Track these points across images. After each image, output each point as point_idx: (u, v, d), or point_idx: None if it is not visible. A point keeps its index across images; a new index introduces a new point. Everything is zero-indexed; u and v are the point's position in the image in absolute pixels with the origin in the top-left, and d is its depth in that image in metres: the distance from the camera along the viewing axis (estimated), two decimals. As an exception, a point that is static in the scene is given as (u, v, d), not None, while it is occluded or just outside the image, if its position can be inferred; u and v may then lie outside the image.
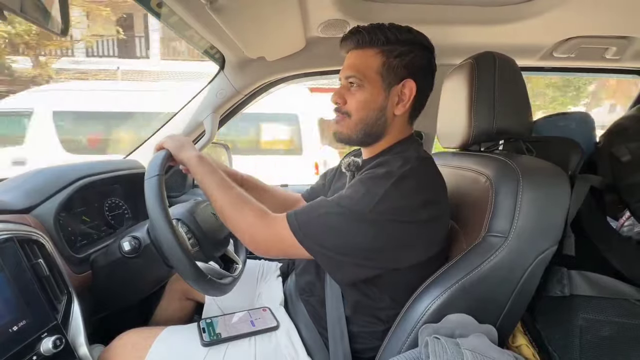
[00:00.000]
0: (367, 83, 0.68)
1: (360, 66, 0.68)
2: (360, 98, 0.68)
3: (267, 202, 0.99)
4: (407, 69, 0.67)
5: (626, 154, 0.74)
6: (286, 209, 1.00)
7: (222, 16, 0.76)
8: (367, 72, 0.67)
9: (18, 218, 0.67)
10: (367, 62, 0.68)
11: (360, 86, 0.68)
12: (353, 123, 0.70)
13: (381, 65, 0.67)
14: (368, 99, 0.68)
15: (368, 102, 0.68)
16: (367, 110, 0.69)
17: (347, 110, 0.70)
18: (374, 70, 0.67)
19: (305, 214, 0.63)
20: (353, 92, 0.69)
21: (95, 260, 0.80)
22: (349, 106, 0.70)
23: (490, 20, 0.95)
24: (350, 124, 0.70)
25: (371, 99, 0.68)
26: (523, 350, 0.68)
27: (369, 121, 0.69)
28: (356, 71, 0.68)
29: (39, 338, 0.56)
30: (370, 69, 0.67)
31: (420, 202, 0.60)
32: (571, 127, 0.88)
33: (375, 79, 0.67)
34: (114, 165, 1.03)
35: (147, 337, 0.70)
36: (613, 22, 0.95)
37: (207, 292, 0.71)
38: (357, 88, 0.69)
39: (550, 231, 0.61)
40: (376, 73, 0.67)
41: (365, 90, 0.68)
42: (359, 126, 0.70)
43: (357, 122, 0.70)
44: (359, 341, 0.70)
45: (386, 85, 0.68)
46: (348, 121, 0.71)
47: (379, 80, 0.67)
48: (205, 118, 1.21)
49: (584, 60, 1.15)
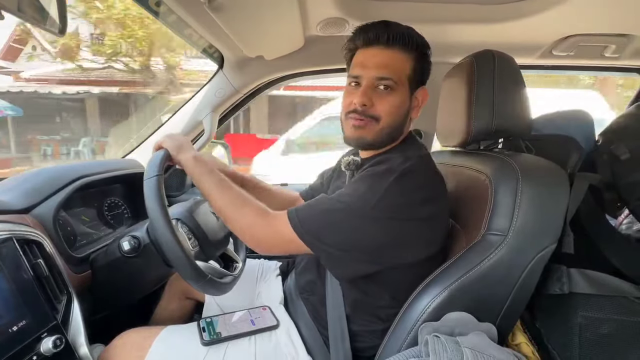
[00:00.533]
0: (400, 87, 0.65)
1: (394, 68, 0.65)
2: (392, 102, 0.65)
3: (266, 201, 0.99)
4: (424, 75, 0.69)
5: (625, 153, 0.74)
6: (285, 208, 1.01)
7: (220, 15, 0.76)
8: (400, 75, 0.65)
9: (17, 218, 0.67)
10: (400, 64, 0.65)
11: (393, 89, 0.65)
12: (380, 128, 0.66)
13: (411, 70, 0.66)
14: (399, 104, 0.66)
15: (399, 107, 0.66)
16: (397, 115, 0.67)
17: (375, 115, 0.66)
18: (405, 75, 0.66)
19: (307, 210, 0.63)
20: (383, 95, 0.65)
21: (94, 260, 0.80)
22: (378, 110, 0.65)
23: (490, 19, 0.95)
24: (377, 129, 0.66)
25: (401, 104, 0.67)
26: (522, 348, 0.68)
27: (396, 126, 0.68)
28: (391, 73, 0.64)
29: (39, 338, 0.56)
30: (403, 73, 0.65)
31: (421, 200, 0.60)
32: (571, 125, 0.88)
33: (405, 83, 0.66)
34: (112, 165, 1.03)
35: (147, 337, 0.70)
36: (612, 20, 0.95)
37: (207, 291, 0.71)
38: (389, 91, 0.65)
39: (550, 229, 0.61)
40: (407, 78, 0.66)
41: (397, 95, 0.65)
42: (386, 131, 0.67)
43: (384, 128, 0.66)
44: (359, 340, 0.70)
45: (411, 91, 0.68)
46: (375, 126, 0.66)
47: (407, 85, 0.67)
48: (204, 117, 1.21)
49: (583, 58, 1.15)
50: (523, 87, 0.73)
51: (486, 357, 0.51)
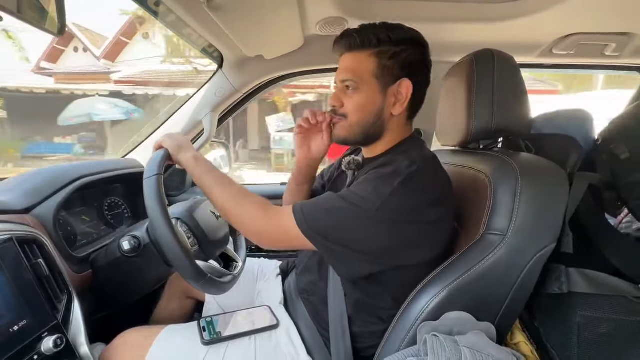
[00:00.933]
0: (363, 86, 0.68)
1: (355, 69, 0.68)
2: (357, 101, 0.68)
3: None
4: (402, 68, 0.67)
5: (625, 152, 0.74)
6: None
7: (219, 14, 0.76)
8: (362, 75, 0.67)
9: (18, 218, 0.67)
10: (361, 65, 0.67)
11: (356, 89, 0.68)
12: (349, 125, 0.70)
13: (376, 67, 0.67)
14: (365, 101, 0.68)
15: (365, 104, 0.68)
16: (365, 112, 0.69)
17: (344, 112, 0.70)
18: (369, 73, 0.67)
19: (312, 206, 0.63)
20: (350, 94, 0.69)
21: (95, 260, 0.80)
22: (346, 108, 0.70)
23: (489, 18, 0.95)
24: (346, 125, 0.71)
25: (368, 101, 0.68)
26: (521, 347, 0.68)
27: (367, 123, 0.69)
28: (352, 74, 0.68)
29: (40, 337, 0.56)
30: (365, 72, 0.67)
31: (427, 203, 0.60)
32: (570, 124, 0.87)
33: (370, 81, 0.67)
34: (112, 164, 1.03)
35: (147, 336, 0.70)
36: (612, 18, 0.95)
37: (207, 290, 0.72)
38: (353, 91, 0.69)
39: (549, 229, 0.61)
40: (371, 76, 0.67)
41: (361, 93, 0.68)
42: (357, 128, 0.70)
43: (354, 125, 0.70)
44: (359, 340, 0.70)
45: (382, 86, 0.67)
46: (344, 123, 0.71)
47: (375, 83, 0.67)
48: (204, 117, 1.21)
49: (583, 57, 1.14)
50: (523, 86, 0.73)
51: (485, 357, 0.51)
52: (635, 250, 0.69)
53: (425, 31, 0.71)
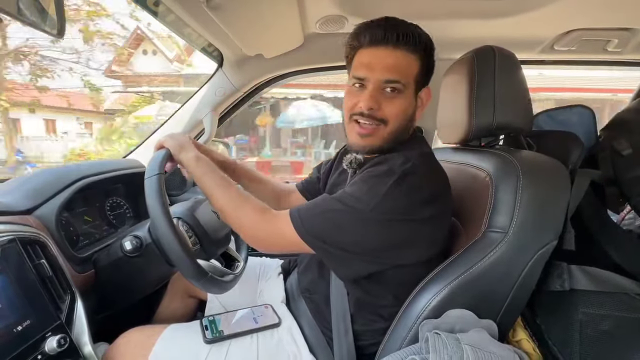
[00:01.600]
0: (407, 89, 0.63)
1: (403, 70, 0.62)
2: (400, 105, 0.64)
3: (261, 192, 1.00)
4: (429, 75, 0.67)
5: (627, 148, 0.74)
6: (280, 200, 1.01)
7: (219, 14, 0.76)
8: (408, 77, 0.63)
9: (20, 219, 0.68)
10: (407, 66, 0.62)
11: (400, 92, 0.63)
12: (388, 132, 0.65)
13: (418, 71, 0.64)
14: (406, 106, 0.64)
15: (406, 110, 0.64)
16: (404, 118, 0.65)
17: (383, 117, 0.64)
18: (413, 76, 0.63)
19: (308, 210, 0.63)
20: (390, 97, 0.63)
21: (97, 260, 0.80)
22: (386, 113, 0.64)
23: (490, 14, 0.94)
24: (384, 133, 0.65)
25: (408, 106, 0.65)
26: (523, 344, 0.68)
27: (402, 129, 0.67)
28: (400, 75, 0.62)
29: (44, 337, 0.56)
30: (411, 75, 0.63)
31: (422, 200, 0.60)
32: (572, 120, 0.87)
33: (412, 85, 0.64)
34: (114, 165, 1.03)
35: (150, 335, 0.70)
36: (615, 13, 0.94)
37: (209, 289, 0.72)
38: (395, 94, 0.63)
39: (550, 226, 0.61)
40: (413, 79, 0.64)
41: (404, 98, 0.64)
42: (393, 135, 0.66)
43: (392, 132, 0.65)
44: (362, 338, 0.71)
45: (416, 92, 0.66)
46: (383, 130, 0.65)
47: (414, 87, 0.64)
48: (204, 116, 1.21)
49: (585, 52, 1.14)
50: (524, 83, 0.73)
51: (486, 354, 0.51)
52: (637, 246, 0.69)
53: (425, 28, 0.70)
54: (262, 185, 0.98)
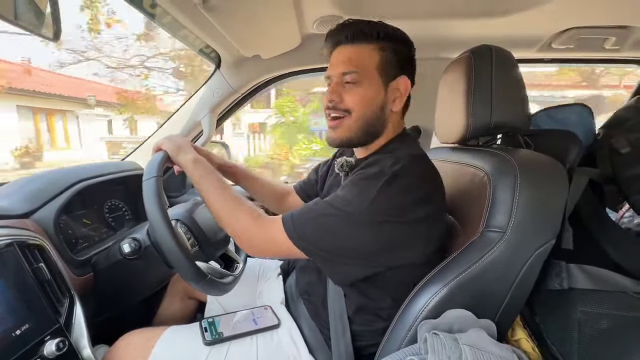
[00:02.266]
0: (367, 79, 0.65)
1: (358, 61, 0.65)
2: (361, 94, 0.66)
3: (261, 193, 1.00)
4: (400, 64, 0.67)
5: (626, 146, 0.74)
6: (277, 200, 1.02)
7: (215, 15, 0.76)
8: (366, 67, 0.65)
9: (18, 223, 0.68)
10: (365, 57, 0.65)
11: (359, 82, 0.66)
12: (354, 121, 0.67)
13: (379, 61, 0.66)
14: (369, 95, 0.66)
15: (369, 98, 0.66)
16: (369, 107, 0.66)
17: (346, 108, 0.67)
18: (373, 67, 0.65)
19: (301, 215, 0.63)
20: (351, 88, 0.66)
21: (96, 263, 0.80)
22: (347, 103, 0.66)
23: (487, 13, 0.94)
24: (350, 122, 0.67)
25: (372, 95, 0.66)
26: (522, 344, 0.68)
27: (370, 119, 0.67)
28: (355, 66, 0.65)
29: (42, 341, 0.56)
30: (369, 65, 0.65)
31: (413, 201, 0.60)
32: (570, 119, 0.87)
33: (374, 75, 0.66)
34: (112, 167, 1.03)
35: (149, 338, 0.70)
36: (612, 11, 0.94)
37: (208, 291, 0.72)
38: (355, 85, 0.66)
39: (549, 225, 0.61)
40: (375, 69, 0.66)
41: (365, 87, 0.66)
42: (361, 123, 0.67)
43: (357, 120, 0.67)
44: (360, 339, 0.70)
45: (384, 81, 0.67)
46: (349, 120, 0.67)
47: (378, 77, 0.66)
48: (202, 117, 1.21)
49: (583, 51, 1.13)
50: (521, 82, 0.73)
51: (485, 354, 0.51)
52: (635, 245, 0.69)
53: (423, 28, 0.70)
54: (261, 187, 0.98)
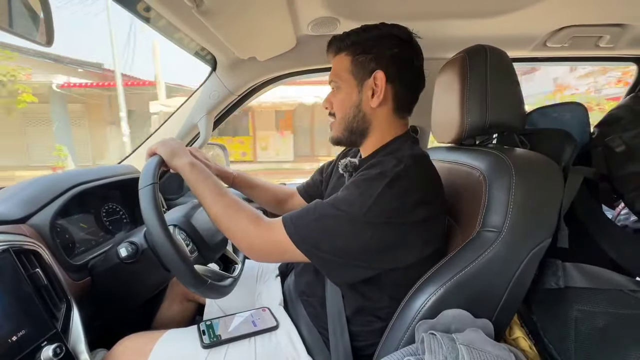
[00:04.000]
0: (342, 83, 0.72)
1: (336, 70, 0.73)
2: (339, 98, 0.73)
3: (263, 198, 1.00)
4: (375, 61, 0.69)
5: (620, 145, 0.74)
6: (280, 203, 1.02)
7: (210, 19, 0.76)
8: (341, 73, 0.72)
9: (14, 228, 0.67)
10: (340, 65, 0.72)
11: (338, 87, 0.73)
12: (338, 123, 0.74)
13: (350, 63, 0.71)
14: (344, 97, 0.72)
15: (344, 100, 0.72)
16: (345, 108, 0.72)
17: (332, 112, 0.75)
18: (345, 70, 0.71)
19: (302, 217, 0.63)
20: (334, 94, 0.74)
21: (93, 267, 0.80)
22: (333, 107, 0.75)
23: (482, 13, 0.95)
24: (336, 124, 0.75)
25: (346, 97, 0.72)
26: (520, 342, 0.68)
27: (348, 118, 0.73)
28: (333, 75, 0.74)
29: (39, 347, 0.56)
30: (342, 70, 0.72)
31: (415, 202, 0.60)
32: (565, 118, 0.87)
33: (347, 78, 0.71)
34: (108, 171, 1.03)
35: (147, 342, 0.70)
36: (606, 9, 0.94)
37: (208, 295, 0.72)
38: (336, 90, 0.74)
39: (544, 224, 0.61)
40: (347, 72, 0.71)
41: (342, 91, 0.73)
42: (342, 125, 0.74)
43: (339, 122, 0.74)
44: (358, 339, 0.71)
45: (358, 81, 0.70)
46: (335, 123, 0.75)
47: (351, 79, 0.71)
48: (199, 120, 1.21)
49: (577, 49, 1.14)
50: (516, 81, 0.73)
51: (482, 354, 0.51)
52: (632, 242, 0.69)
53: (417, 28, 0.70)
54: (262, 192, 1.00)
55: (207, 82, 1.19)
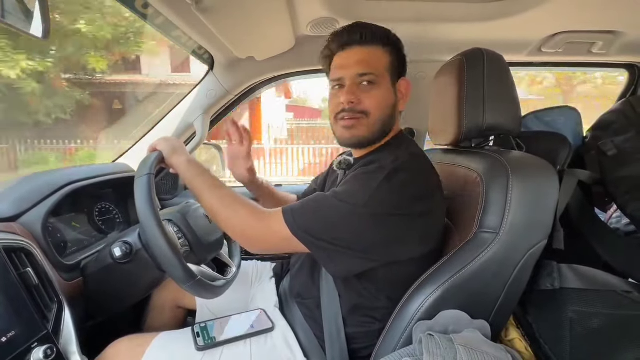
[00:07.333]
0: (381, 80, 0.68)
1: (374, 62, 0.68)
2: (378, 95, 0.68)
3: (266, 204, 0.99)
4: (402, 67, 0.71)
5: (612, 149, 0.76)
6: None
7: (208, 17, 0.75)
8: (379, 69, 0.68)
9: (5, 227, 0.66)
10: (378, 58, 0.68)
11: (375, 84, 0.68)
12: (372, 122, 0.68)
13: (389, 62, 0.69)
14: (385, 96, 0.69)
15: (385, 99, 0.69)
16: (385, 107, 0.69)
17: (364, 110, 0.68)
18: (385, 68, 0.69)
19: (301, 207, 0.63)
20: (367, 90, 0.68)
21: (86, 267, 0.79)
22: (365, 105, 0.68)
23: (479, 17, 0.96)
24: (369, 123, 0.68)
25: (387, 96, 0.69)
26: (516, 344, 0.69)
27: (386, 119, 0.70)
28: (372, 67, 0.67)
29: (29, 348, 0.55)
30: (381, 66, 0.68)
31: (414, 196, 0.60)
32: (559, 121, 0.89)
33: (386, 76, 0.69)
34: (102, 169, 1.01)
35: (140, 344, 0.69)
36: (599, 16, 0.96)
37: (199, 293, 0.70)
38: (371, 86, 0.68)
39: (540, 226, 0.62)
40: (386, 70, 0.69)
41: (380, 88, 0.68)
42: (378, 125, 0.69)
43: (376, 121, 0.69)
44: (355, 342, 0.70)
45: (393, 82, 0.70)
46: (365, 121, 0.68)
47: (388, 78, 0.69)
48: (195, 119, 1.20)
49: (571, 55, 1.16)
50: (512, 85, 0.74)
51: (479, 354, 0.51)
52: (624, 245, 0.70)
53: (415, 31, 0.71)
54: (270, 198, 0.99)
55: (204, 81, 1.18)
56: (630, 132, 0.76)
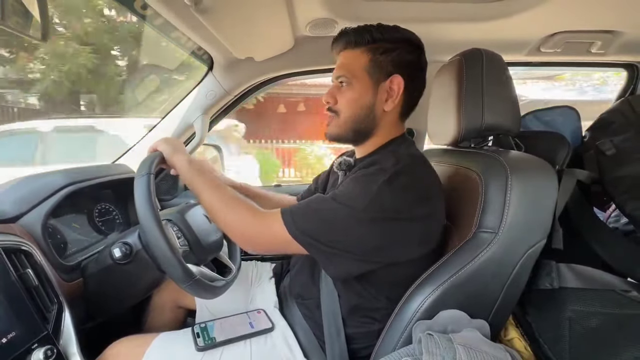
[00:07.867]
0: (356, 81, 0.69)
1: (349, 65, 0.70)
2: (349, 96, 0.70)
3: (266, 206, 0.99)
4: (394, 64, 0.68)
5: (611, 148, 0.76)
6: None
7: (208, 17, 0.75)
8: (354, 70, 0.69)
9: (4, 228, 0.66)
10: (354, 61, 0.69)
11: (349, 84, 0.70)
12: (342, 122, 0.71)
13: (368, 62, 0.68)
14: (356, 96, 0.70)
15: (356, 99, 0.70)
16: (356, 107, 0.70)
17: (336, 109, 0.72)
18: (361, 68, 0.69)
19: (300, 208, 0.63)
20: (343, 91, 0.71)
21: (85, 268, 0.78)
22: (338, 105, 0.71)
23: (478, 17, 0.96)
24: (339, 122, 0.72)
25: (359, 96, 0.69)
26: (515, 343, 0.69)
27: (357, 118, 0.70)
28: (345, 70, 0.70)
29: (30, 349, 0.55)
30: (357, 67, 0.69)
31: (413, 200, 0.60)
32: (558, 121, 0.89)
33: (362, 76, 0.69)
34: (102, 170, 1.01)
35: (140, 345, 0.69)
36: (597, 16, 0.96)
37: (197, 293, 0.70)
38: (346, 87, 0.70)
39: (539, 225, 0.62)
40: (363, 70, 0.69)
41: (354, 89, 0.70)
42: (349, 124, 0.71)
43: (346, 120, 0.71)
44: (355, 342, 0.70)
45: (374, 82, 0.69)
46: (337, 120, 0.72)
47: (367, 78, 0.69)
48: (195, 120, 1.20)
49: (570, 54, 1.16)
50: (511, 85, 0.74)
51: (478, 354, 0.51)
52: (622, 244, 0.70)
53: (414, 31, 0.71)
54: (262, 199, 0.98)
55: (204, 82, 1.18)
56: (629, 132, 0.77)
